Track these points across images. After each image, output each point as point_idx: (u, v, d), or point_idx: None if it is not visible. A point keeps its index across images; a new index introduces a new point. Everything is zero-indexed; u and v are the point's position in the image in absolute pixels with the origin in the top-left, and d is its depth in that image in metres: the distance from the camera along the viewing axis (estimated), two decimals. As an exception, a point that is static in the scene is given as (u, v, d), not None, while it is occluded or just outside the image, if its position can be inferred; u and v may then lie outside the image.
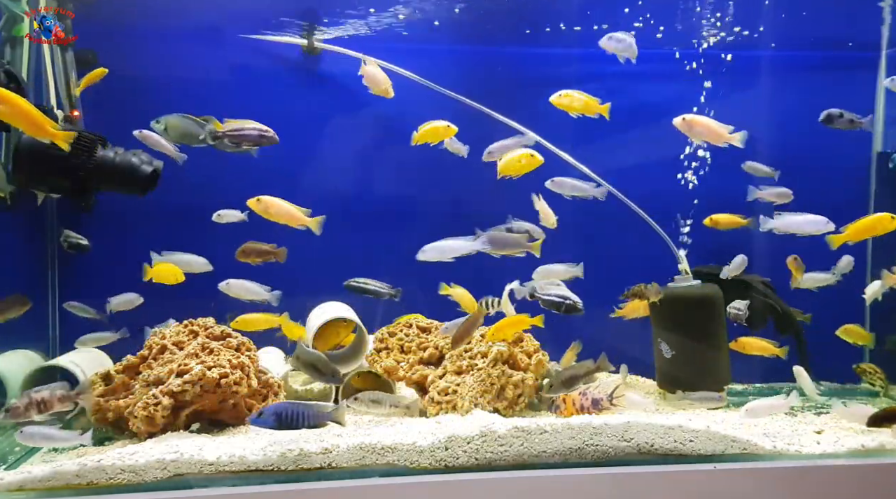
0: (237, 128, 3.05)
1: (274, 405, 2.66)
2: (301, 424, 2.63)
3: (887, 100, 4.36)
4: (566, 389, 2.82)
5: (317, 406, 2.69)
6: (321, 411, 2.68)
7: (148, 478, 2.44)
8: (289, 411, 2.62)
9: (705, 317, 3.64)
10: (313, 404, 2.70)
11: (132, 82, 3.90)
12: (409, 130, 3.46)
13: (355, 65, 3.80)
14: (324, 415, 2.68)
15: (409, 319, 3.74)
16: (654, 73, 4.34)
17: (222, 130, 3.01)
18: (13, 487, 2.41)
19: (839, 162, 4.38)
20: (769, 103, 4.39)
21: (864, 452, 2.76)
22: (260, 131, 3.06)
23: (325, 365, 2.82)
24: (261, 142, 3.06)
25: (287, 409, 2.63)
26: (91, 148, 3.26)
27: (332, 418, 2.70)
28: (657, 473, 2.57)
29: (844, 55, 4.45)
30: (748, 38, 4.21)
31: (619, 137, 4.27)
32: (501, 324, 3.26)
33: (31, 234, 3.98)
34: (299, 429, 2.64)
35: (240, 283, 3.39)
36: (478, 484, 2.49)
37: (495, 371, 3.26)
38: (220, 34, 4.12)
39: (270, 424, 2.61)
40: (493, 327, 3.28)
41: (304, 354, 2.86)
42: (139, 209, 3.72)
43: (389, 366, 3.47)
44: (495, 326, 3.26)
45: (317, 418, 2.66)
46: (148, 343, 3.27)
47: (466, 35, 4.29)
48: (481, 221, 3.67)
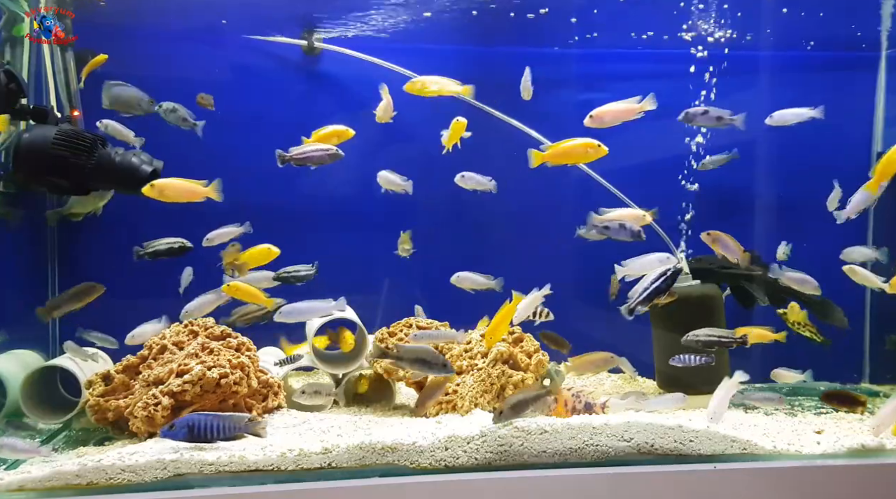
0: (301, 152, 3.08)
1: (187, 416, 2.58)
2: (215, 436, 2.55)
3: (887, 100, 4.37)
4: (515, 414, 2.68)
5: (233, 418, 2.62)
6: (237, 422, 2.61)
7: (148, 478, 2.44)
8: (202, 423, 2.54)
9: (705, 316, 3.63)
10: (229, 415, 2.63)
11: (132, 82, 3.90)
12: (409, 130, 3.46)
13: (355, 65, 3.83)
14: (240, 427, 2.61)
15: (409, 320, 3.73)
16: (654, 73, 4.34)
17: (289, 155, 3.05)
18: (13, 487, 2.41)
19: (839, 162, 4.38)
20: (769, 103, 4.38)
21: (863, 452, 2.76)
22: (324, 151, 3.07)
23: (434, 356, 2.74)
24: (326, 160, 3.07)
25: (200, 420, 2.55)
26: (91, 148, 3.26)
27: (250, 430, 2.63)
28: (657, 473, 2.57)
29: (844, 55, 4.45)
30: (748, 38, 4.21)
31: (619, 137, 4.28)
32: (494, 323, 3.14)
33: (31, 235, 3.98)
34: (214, 442, 2.56)
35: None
36: (478, 484, 2.49)
37: (495, 371, 3.26)
38: (220, 34, 4.13)
39: (182, 436, 2.54)
40: (486, 331, 3.19)
41: (408, 349, 2.76)
42: (139, 209, 3.72)
43: (389, 366, 3.47)
44: (488, 330, 3.17)
45: (232, 430, 2.59)
46: (148, 343, 3.27)
47: (466, 35, 4.29)
48: (482, 221, 3.70)
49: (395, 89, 3.57)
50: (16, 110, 3.25)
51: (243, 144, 3.96)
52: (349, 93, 4.20)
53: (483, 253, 4.14)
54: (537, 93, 3.50)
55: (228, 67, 4.15)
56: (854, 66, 4.46)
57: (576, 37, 4.20)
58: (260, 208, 3.76)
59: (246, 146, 3.90)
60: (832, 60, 4.44)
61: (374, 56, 4.11)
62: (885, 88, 4.37)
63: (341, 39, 4.16)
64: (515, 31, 4.25)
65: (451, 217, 4.16)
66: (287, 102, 4.20)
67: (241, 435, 2.62)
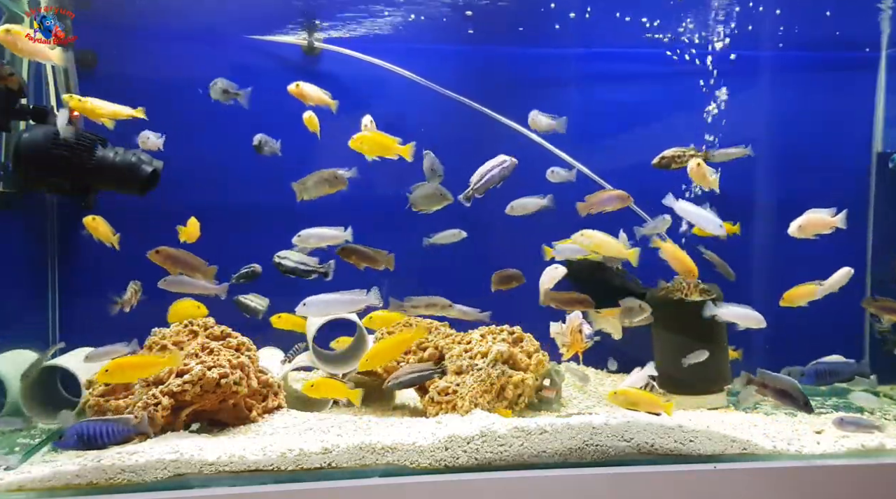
0: (479, 180, 3.12)
1: (77, 425, 2.59)
2: (106, 441, 2.57)
3: (887, 100, 4.37)
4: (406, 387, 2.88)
5: (121, 420, 2.64)
6: (126, 425, 2.63)
7: (148, 478, 2.44)
8: (91, 430, 2.56)
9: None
10: (118, 418, 2.65)
11: (131, 82, 3.90)
12: (409, 131, 3.45)
13: (355, 65, 3.82)
14: (129, 429, 2.63)
15: (409, 320, 3.73)
16: (653, 73, 4.34)
17: (472, 190, 3.10)
18: (13, 487, 2.41)
19: (839, 162, 4.38)
20: (769, 103, 4.39)
21: (863, 452, 2.76)
22: (500, 167, 3.10)
23: (798, 391, 2.72)
24: (504, 175, 3.10)
25: (89, 428, 2.57)
26: (91, 148, 3.26)
27: (140, 429, 2.66)
28: (657, 473, 2.57)
29: (844, 55, 4.45)
30: (748, 38, 4.21)
31: (617, 137, 4.29)
32: (383, 346, 3.24)
33: (31, 234, 3.97)
34: (106, 447, 2.57)
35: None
36: (478, 484, 2.49)
37: (495, 371, 3.26)
38: (220, 34, 4.13)
39: (73, 444, 2.55)
40: (368, 354, 3.18)
41: (774, 380, 2.75)
42: (140, 209, 3.72)
43: (389, 366, 3.47)
44: (370, 354, 3.17)
45: (122, 433, 2.61)
46: (148, 343, 3.27)
47: (466, 35, 4.29)
48: (481, 220, 3.69)
49: (396, 89, 3.58)
50: (16, 110, 3.25)
51: (242, 144, 3.96)
52: (349, 93, 4.20)
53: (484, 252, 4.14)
54: (539, 93, 3.50)
55: (228, 67, 4.14)
56: (854, 66, 4.46)
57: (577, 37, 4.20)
58: (258, 209, 3.78)
59: (247, 147, 3.89)
60: (832, 60, 4.44)
61: (373, 56, 4.11)
62: (885, 88, 4.37)
63: (343, 39, 4.16)
64: (515, 32, 4.25)
65: (451, 217, 4.15)
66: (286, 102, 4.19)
67: (132, 437, 2.65)
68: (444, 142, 3.98)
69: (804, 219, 3.16)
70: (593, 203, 3.17)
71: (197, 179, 3.87)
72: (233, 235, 3.64)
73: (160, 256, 2.99)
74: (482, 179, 3.15)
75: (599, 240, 3.14)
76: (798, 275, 3.42)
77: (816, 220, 3.15)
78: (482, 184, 3.14)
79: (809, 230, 3.16)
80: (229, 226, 3.53)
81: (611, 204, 3.18)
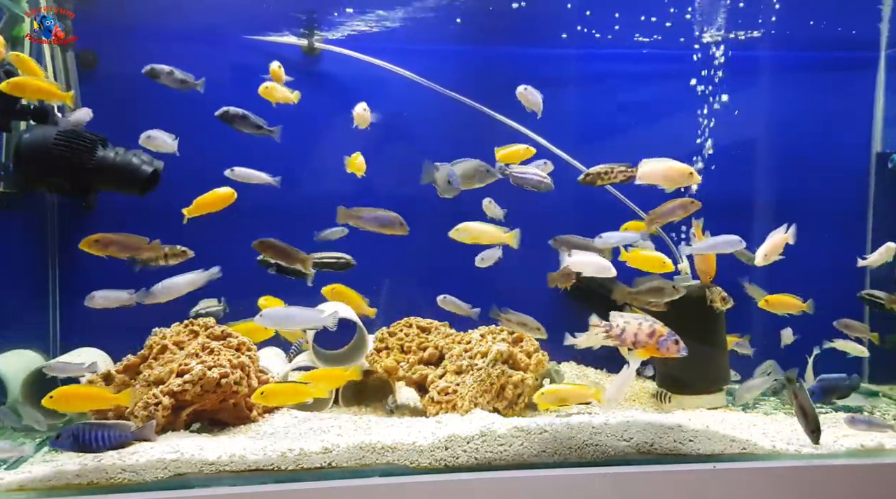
0: (522, 173, 3.14)
1: (73, 426, 2.57)
2: (102, 445, 2.55)
3: (887, 100, 4.37)
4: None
5: (119, 426, 2.62)
6: (124, 430, 2.62)
7: (148, 478, 2.44)
8: (87, 432, 2.54)
9: (706, 316, 3.63)
10: (116, 423, 2.64)
11: (131, 82, 3.89)
12: (408, 131, 3.45)
13: (354, 65, 3.82)
14: (128, 434, 2.62)
15: (409, 320, 3.74)
16: (654, 73, 4.34)
17: (509, 170, 3.10)
18: (13, 487, 2.42)
19: (839, 162, 4.38)
20: (769, 104, 4.39)
21: (863, 452, 2.76)
22: (539, 177, 3.12)
23: (815, 419, 2.78)
24: (540, 187, 3.12)
25: (86, 430, 2.55)
26: (91, 148, 3.26)
27: (140, 436, 2.65)
28: (657, 472, 2.57)
29: (844, 55, 4.45)
30: (748, 38, 4.22)
31: (617, 137, 4.29)
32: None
33: (31, 234, 3.97)
34: (101, 451, 2.56)
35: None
36: (478, 484, 2.49)
37: (495, 371, 3.26)
38: (220, 34, 4.12)
39: (68, 446, 2.54)
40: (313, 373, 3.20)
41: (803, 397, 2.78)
42: (140, 209, 3.72)
43: (389, 366, 3.47)
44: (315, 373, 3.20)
45: (119, 439, 2.59)
46: (148, 343, 3.27)
47: (466, 35, 4.29)
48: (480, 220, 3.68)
49: (395, 89, 3.57)
50: (16, 110, 3.26)
51: (244, 143, 3.96)
52: (349, 93, 4.20)
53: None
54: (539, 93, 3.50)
55: (227, 67, 4.15)
56: (854, 66, 4.46)
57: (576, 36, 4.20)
58: (259, 209, 3.77)
59: (247, 146, 3.89)
60: (832, 60, 4.45)
61: (374, 56, 4.11)
62: (884, 88, 4.37)
63: (342, 39, 4.16)
64: (515, 32, 4.25)
65: (452, 217, 4.15)
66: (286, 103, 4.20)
67: (130, 442, 2.63)
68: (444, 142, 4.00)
69: (767, 246, 3.16)
70: (658, 215, 3.12)
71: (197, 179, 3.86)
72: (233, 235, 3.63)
73: (99, 245, 2.92)
74: (521, 173, 3.13)
75: (477, 230, 3.10)
76: (798, 275, 3.43)
77: (776, 241, 3.15)
78: (517, 175, 3.11)
79: (773, 254, 3.15)
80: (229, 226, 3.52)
81: (677, 213, 3.13)
